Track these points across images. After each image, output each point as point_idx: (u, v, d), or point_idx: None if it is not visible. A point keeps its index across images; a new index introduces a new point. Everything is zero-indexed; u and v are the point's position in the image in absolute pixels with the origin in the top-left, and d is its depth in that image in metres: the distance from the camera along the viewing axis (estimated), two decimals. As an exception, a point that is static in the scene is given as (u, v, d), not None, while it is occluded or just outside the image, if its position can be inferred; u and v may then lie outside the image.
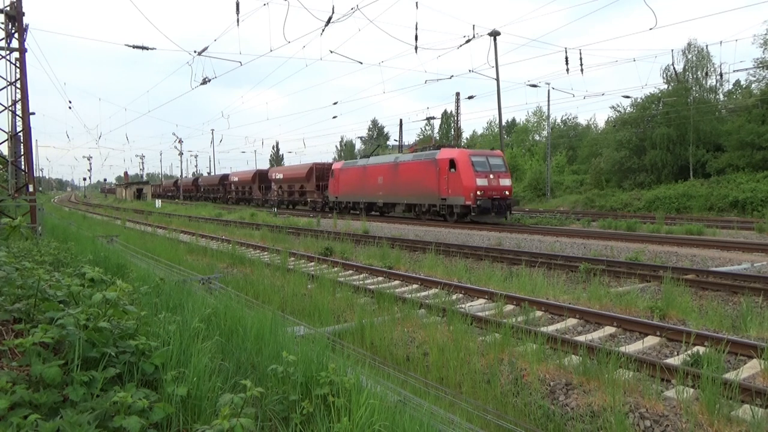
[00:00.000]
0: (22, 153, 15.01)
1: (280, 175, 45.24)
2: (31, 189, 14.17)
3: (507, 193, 24.81)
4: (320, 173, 38.97)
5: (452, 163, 24.41)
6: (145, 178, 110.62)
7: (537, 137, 64.97)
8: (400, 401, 3.52)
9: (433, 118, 52.46)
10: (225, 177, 60.80)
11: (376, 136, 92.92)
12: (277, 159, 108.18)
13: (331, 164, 38.88)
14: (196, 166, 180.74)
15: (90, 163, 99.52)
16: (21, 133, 14.26)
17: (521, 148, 60.38)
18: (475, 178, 23.79)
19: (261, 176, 50.73)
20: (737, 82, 45.64)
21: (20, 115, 14.04)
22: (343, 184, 33.85)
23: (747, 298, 8.96)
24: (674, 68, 35.96)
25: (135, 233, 21.64)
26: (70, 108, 39.51)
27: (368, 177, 31.03)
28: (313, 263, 13.88)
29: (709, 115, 38.16)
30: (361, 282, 11.28)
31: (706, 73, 38.97)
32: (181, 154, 70.36)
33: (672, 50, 38.77)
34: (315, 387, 3.18)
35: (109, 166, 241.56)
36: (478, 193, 23.61)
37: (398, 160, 28.84)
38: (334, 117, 58.89)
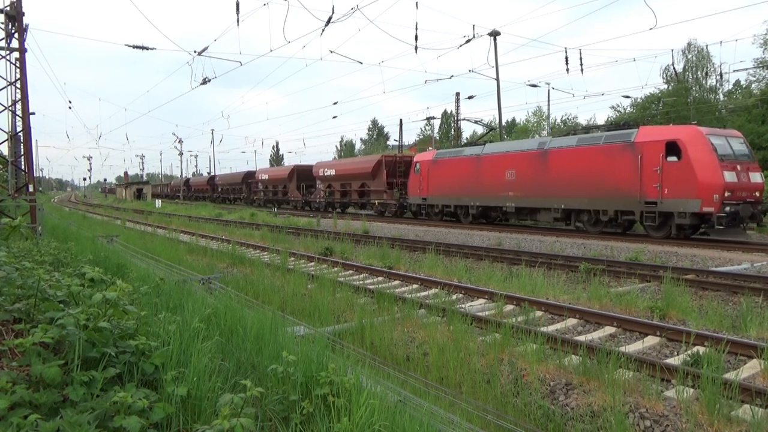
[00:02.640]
0: (22, 153, 15.01)
1: (330, 171, 37.29)
2: (31, 189, 14.17)
3: (758, 194, 16.33)
4: (392, 168, 31.78)
5: (673, 148, 16.20)
6: (145, 178, 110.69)
7: (537, 137, 65.06)
8: (400, 401, 3.52)
9: (433, 118, 52.41)
10: (250, 174, 52.63)
11: (377, 136, 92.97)
12: (277, 159, 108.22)
13: (408, 157, 32.34)
14: (196, 166, 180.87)
15: (90, 163, 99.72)
16: (21, 133, 14.27)
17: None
18: (721, 170, 15.37)
19: (301, 173, 42.19)
20: (737, 82, 45.75)
21: (20, 115, 14.05)
22: (437, 182, 25.81)
23: (747, 298, 8.96)
24: (674, 68, 36.07)
25: (135, 233, 21.64)
26: (70, 108, 39.60)
27: (486, 171, 22.87)
28: (313, 263, 13.88)
29: (709, 115, 38.26)
30: (361, 282, 11.28)
31: (706, 73, 39.09)
32: (181, 154, 70.43)
33: (672, 50, 38.78)
34: (315, 387, 3.18)
35: (109, 166, 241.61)
36: (726, 194, 15.30)
37: (548, 146, 20.39)
38: (334, 117, 58.80)
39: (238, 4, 16.14)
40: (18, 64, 13.88)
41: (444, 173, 25.42)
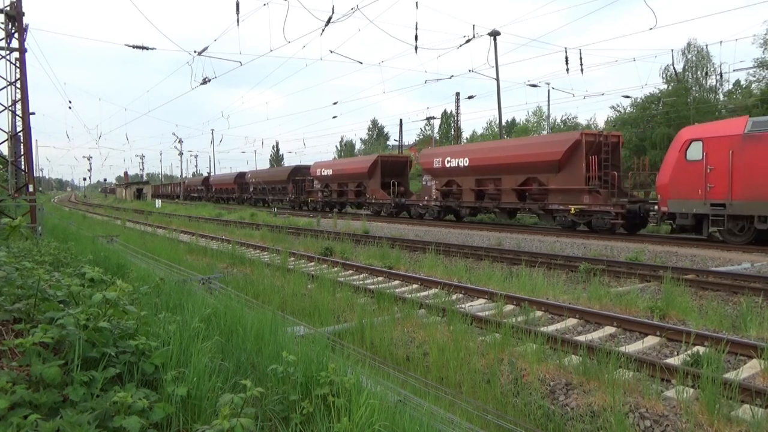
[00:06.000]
0: (22, 153, 15.01)
1: (457, 162, 24.51)
2: (31, 189, 14.17)
3: None
4: (596, 150, 19.39)
5: None
6: (145, 178, 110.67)
7: (537, 137, 65.03)
8: (400, 401, 3.52)
9: (433, 118, 52.48)
10: (298, 170, 40.73)
11: (377, 136, 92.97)
12: (277, 159, 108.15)
13: (616, 136, 20.68)
14: (196, 166, 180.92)
15: (90, 163, 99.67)
16: (21, 133, 14.27)
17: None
18: None
19: (389, 166, 31.23)
20: (737, 82, 45.76)
21: (20, 115, 14.04)
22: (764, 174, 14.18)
23: (747, 298, 8.97)
24: (674, 68, 36.05)
25: (135, 233, 21.63)
26: (70, 108, 39.63)
27: None
28: (313, 263, 13.88)
29: (709, 115, 38.23)
30: (361, 282, 11.28)
31: (706, 73, 39.11)
32: (181, 154, 70.30)
33: (672, 50, 38.76)
34: (315, 387, 3.18)
35: (109, 166, 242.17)
36: None
37: None
38: (334, 117, 59.00)
39: (238, 4, 16.15)
40: (18, 64, 13.87)
41: None
